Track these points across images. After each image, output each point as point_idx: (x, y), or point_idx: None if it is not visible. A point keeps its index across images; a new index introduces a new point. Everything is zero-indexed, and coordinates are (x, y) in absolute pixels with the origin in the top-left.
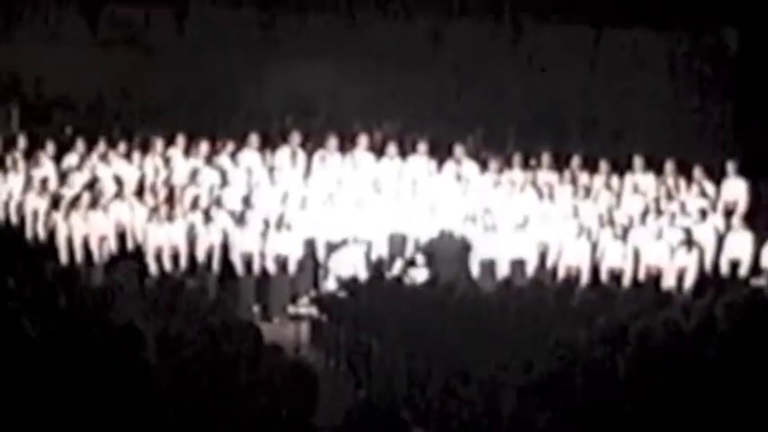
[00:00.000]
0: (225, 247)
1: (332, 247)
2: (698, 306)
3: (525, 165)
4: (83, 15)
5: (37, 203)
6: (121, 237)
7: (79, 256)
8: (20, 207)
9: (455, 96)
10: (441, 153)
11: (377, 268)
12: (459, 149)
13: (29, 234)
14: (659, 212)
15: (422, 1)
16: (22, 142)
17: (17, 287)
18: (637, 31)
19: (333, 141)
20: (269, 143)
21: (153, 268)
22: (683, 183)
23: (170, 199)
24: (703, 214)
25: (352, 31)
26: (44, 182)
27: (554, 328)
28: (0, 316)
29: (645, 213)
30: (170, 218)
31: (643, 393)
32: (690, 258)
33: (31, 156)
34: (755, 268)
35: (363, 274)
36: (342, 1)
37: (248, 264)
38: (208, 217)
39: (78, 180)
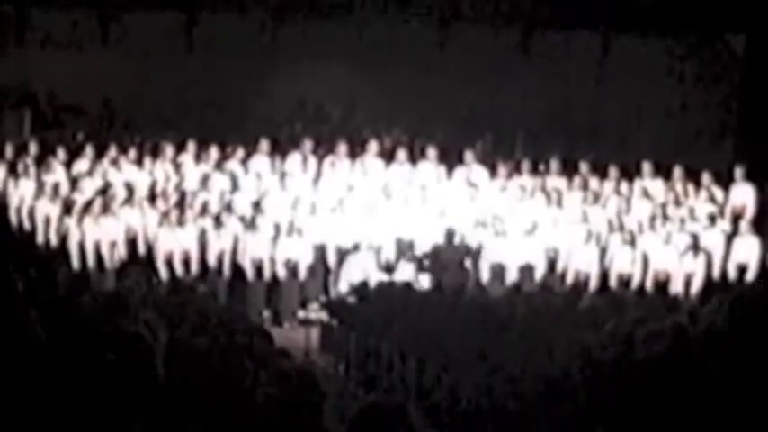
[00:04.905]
0: (235, 253)
1: (342, 253)
2: (705, 311)
3: (534, 170)
4: (93, 22)
5: (48, 209)
6: (132, 242)
7: (91, 261)
8: (31, 212)
9: (464, 102)
10: (450, 159)
11: (389, 270)
12: (468, 155)
13: (40, 239)
14: (666, 218)
15: (431, 6)
16: (33, 148)
17: (27, 292)
18: (645, 37)
19: (343, 147)
20: (279, 149)
21: (163, 273)
22: (691, 188)
23: (181, 204)
24: (712, 219)
25: (362, 37)
26: (56, 187)
27: (562, 333)
28: (10, 321)
29: (653, 219)
30: (181, 223)
31: (649, 398)
32: (697, 263)
33: (42, 161)
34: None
35: (374, 280)
36: (352, 7)
37: (259, 269)
38: (218, 222)
39: (89, 186)
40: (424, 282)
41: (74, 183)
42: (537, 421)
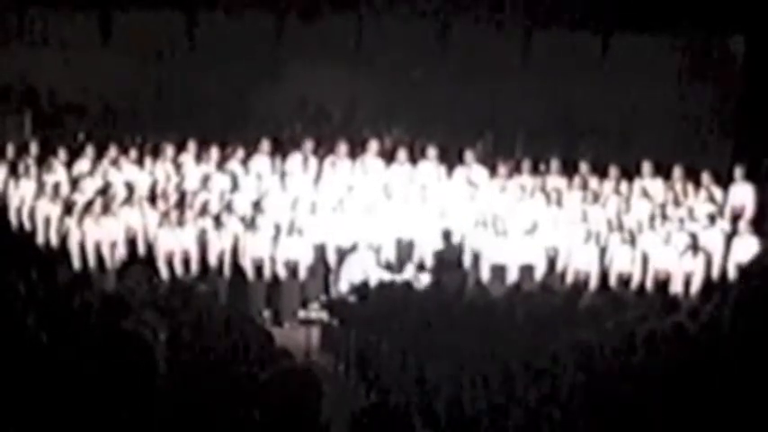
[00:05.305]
0: (236, 252)
1: (342, 253)
2: (705, 310)
3: (534, 170)
4: (93, 22)
5: (49, 209)
6: (133, 242)
7: (91, 261)
8: (32, 213)
9: (465, 102)
10: (450, 158)
11: (389, 268)
12: (468, 155)
13: (41, 239)
14: (665, 217)
15: (432, 6)
16: (34, 148)
17: (28, 292)
18: (645, 36)
19: (343, 147)
20: (280, 149)
21: (164, 273)
22: (690, 188)
23: (181, 204)
24: (711, 219)
25: (362, 37)
26: (56, 187)
27: (563, 332)
28: (10, 321)
29: (653, 218)
30: (181, 223)
31: (650, 397)
32: (697, 263)
33: (43, 161)
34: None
35: (374, 279)
36: (352, 6)
37: (259, 269)
38: (219, 222)
39: (90, 186)
40: (425, 281)
41: (74, 183)
42: (538, 421)
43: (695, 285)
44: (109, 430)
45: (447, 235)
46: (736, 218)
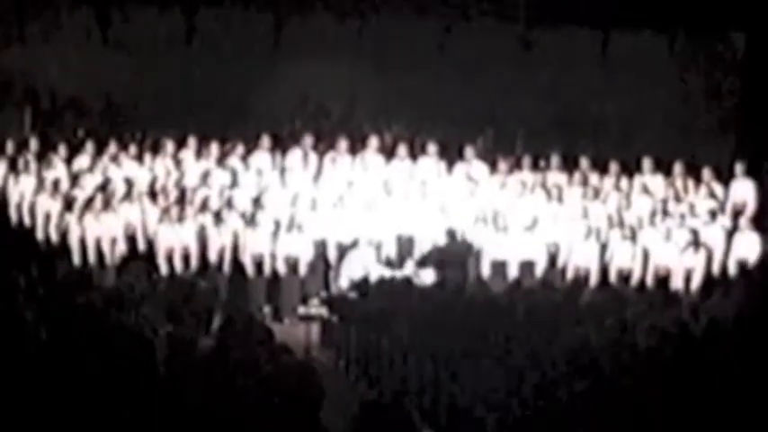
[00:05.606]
0: (236, 248)
1: (342, 249)
2: (706, 306)
3: (535, 166)
4: (94, 18)
5: (49, 205)
6: (132, 238)
7: (91, 257)
8: (32, 209)
9: (465, 98)
10: (450, 155)
11: (390, 264)
12: (469, 151)
13: (41, 236)
14: (666, 213)
15: (432, 3)
16: (34, 144)
17: (28, 288)
18: (645, 33)
19: (343, 143)
20: (280, 145)
21: (164, 269)
22: (691, 184)
23: (181, 200)
24: (712, 215)
25: (363, 34)
26: (56, 183)
27: (563, 329)
28: (10, 318)
29: (653, 214)
30: (181, 219)
31: (650, 392)
32: (698, 259)
33: (43, 158)
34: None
35: (374, 276)
36: (352, 3)
37: (259, 265)
38: (219, 218)
39: (90, 182)
40: (425, 277)
41: (74, 179)
42: (538, 418)
43: (696, 281)
44: (109, 425)
45: (452, 234)
46: (736, 214)
